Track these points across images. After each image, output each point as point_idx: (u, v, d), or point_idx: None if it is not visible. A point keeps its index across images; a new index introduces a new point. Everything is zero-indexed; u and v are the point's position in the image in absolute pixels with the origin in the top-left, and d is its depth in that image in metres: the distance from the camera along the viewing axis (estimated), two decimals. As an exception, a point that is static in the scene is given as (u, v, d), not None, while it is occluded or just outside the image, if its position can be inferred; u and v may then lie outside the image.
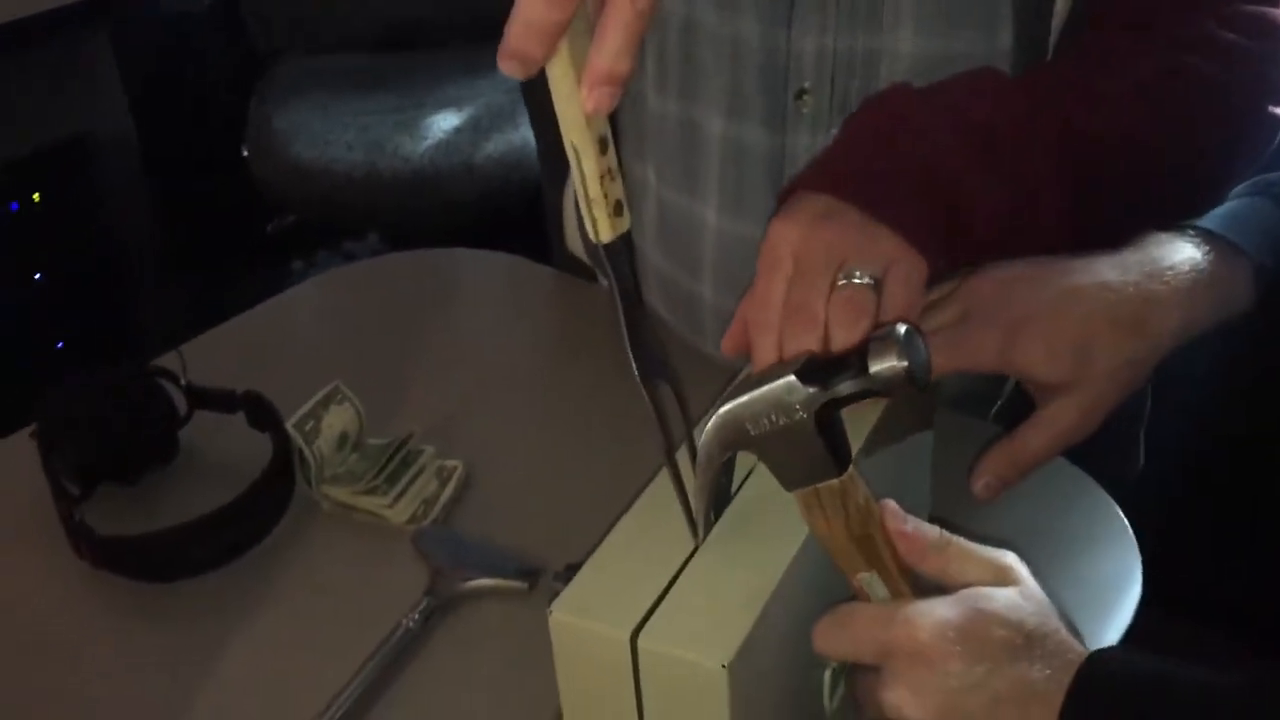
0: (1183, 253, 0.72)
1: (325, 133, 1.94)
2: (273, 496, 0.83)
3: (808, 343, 0.64)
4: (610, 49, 0.49)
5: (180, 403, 0.90)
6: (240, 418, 0.90)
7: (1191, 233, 0.74)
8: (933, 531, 0.58)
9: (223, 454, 0.90)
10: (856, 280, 0.64)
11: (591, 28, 0.49)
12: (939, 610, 0.56)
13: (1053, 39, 0.81)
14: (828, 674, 0.62)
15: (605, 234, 0.55)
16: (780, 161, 0.86)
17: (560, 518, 0.84)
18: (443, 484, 0.85)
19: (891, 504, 0.58)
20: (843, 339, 0.63)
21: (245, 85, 2.14)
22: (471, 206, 1.93)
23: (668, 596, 0.56)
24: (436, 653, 0.74)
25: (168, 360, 0.93)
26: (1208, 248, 0.73)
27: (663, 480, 0.62)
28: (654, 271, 0.98)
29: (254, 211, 2.28)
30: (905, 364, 0.54)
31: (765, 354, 0.66)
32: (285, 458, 0.84)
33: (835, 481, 0.56)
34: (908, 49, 0.81)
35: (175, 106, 2.21)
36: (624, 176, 0.88)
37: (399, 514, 0.83)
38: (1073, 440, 0.71)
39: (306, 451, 0.83)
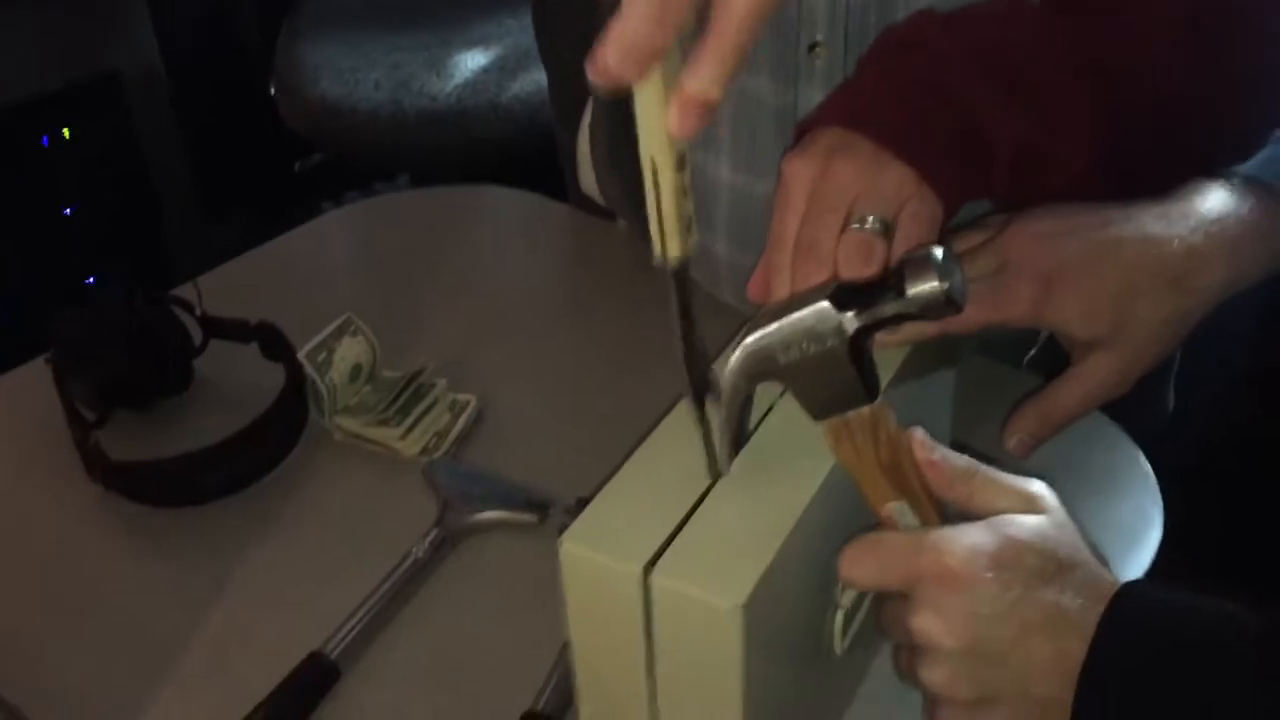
0: (1228, 203, 0.69)
1: (353, 70, 1.92)
2: (284, 426, 0.83)
3: (818, 282, 0.62)
4: (706, 76, 0.49)
5: (196, 332, 0.90)
6: (254, 348, 0.89)
7: (1237, 181, 0.71)
8: (960, 460, 0.57)
9: (236, 383, 0.90)
10: (867, 226, 0.62)
11: (683, 46, 0.49)
12: (970, 535, 0.54)
13: None
14: (840, 615, 0.61)
15: (675, 251, 0.53)
16: (793, 117, 0.84)
17: (571, 453, 0.83)
18: (455, 417, 0.85)
19: (920, 432, 0.58)
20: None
21: (275, 22, 2.13)
22: (497, 146, 1.91)
23: (682, 532, 0.55)
24: (445, 583, 0.74)
25: (184, 290, 0.93)
26: (1254, 198, 0.70)
27: (678, 414, 0.61)
28: (725, 266, 0.94)
29: (282, 150, 2.28)
30: (945, 285, 0.52)
31: (782, 295, 0.64)
32: (297, 387, 0.84)
33: (866, 410, 0.55)
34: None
35: (205, 42, 2.20)
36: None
37: (410, 446, 0.83)
38: (1108, 397, 0.69)
39: (319, 382, 0.83)
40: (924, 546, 0.55)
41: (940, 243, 0.56)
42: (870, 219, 0.63)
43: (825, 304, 0.54)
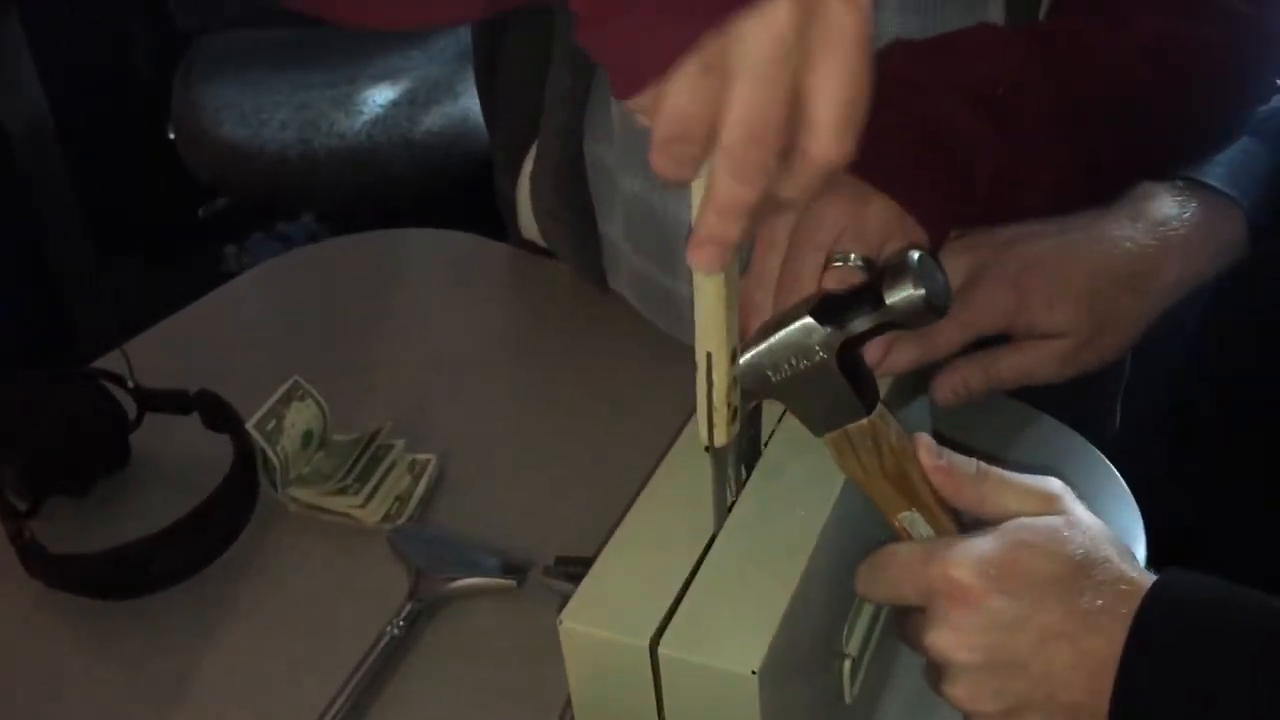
0: (1175, 207, 0.71)
1: (257, 111, 1.87)
2: (236, 502, 0.79)
3: None
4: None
5: (129, 406, 0.85)
6: (194, 419, 0.85)
7: (1181, 184, 0.73)
8: (969, 464, 0.56)
9: (178, 458, 0.85)
10: (850, 263, 0.62)
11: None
12: (977, 546, 0.53)
13: (1043, 14, 0.78)
14: (848, 664, 0.60)
15: (722, 439, 0.55)
16: None
17: (540, 507, 0.80)
18: (416, 479, 0.81)
19: (925, 438, 0.56)
20: None
21: (169, 64, 2.05)
22: (411, 183, 1.87)
23: (686, 597, 0.53)
24: (427, 659, 0.70)
25: (111, 361, 0.88)
26: (1198, 201, 0.72)
27: (666, 474, 0.59)
28: (627, 267, 0.93)
29: (184, 196, 2.20)
30: (922, 291, 0.52)
31: None
32: (248, 460, 0.79)
33: (865, 422, 0.55)
34: (893, 29, 0.78)
35: (94, 87, 2.12)
36: (595, 169, 0.84)
37: (372, 513, 0.79)
38: (1043, 379, 0.70)
39: (270, 452, 0.78)
40: (931, 560, 0.54)
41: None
42: (852, 256, 0.62)
43: (808, 319, 0.54)
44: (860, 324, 0.53)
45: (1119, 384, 1.03)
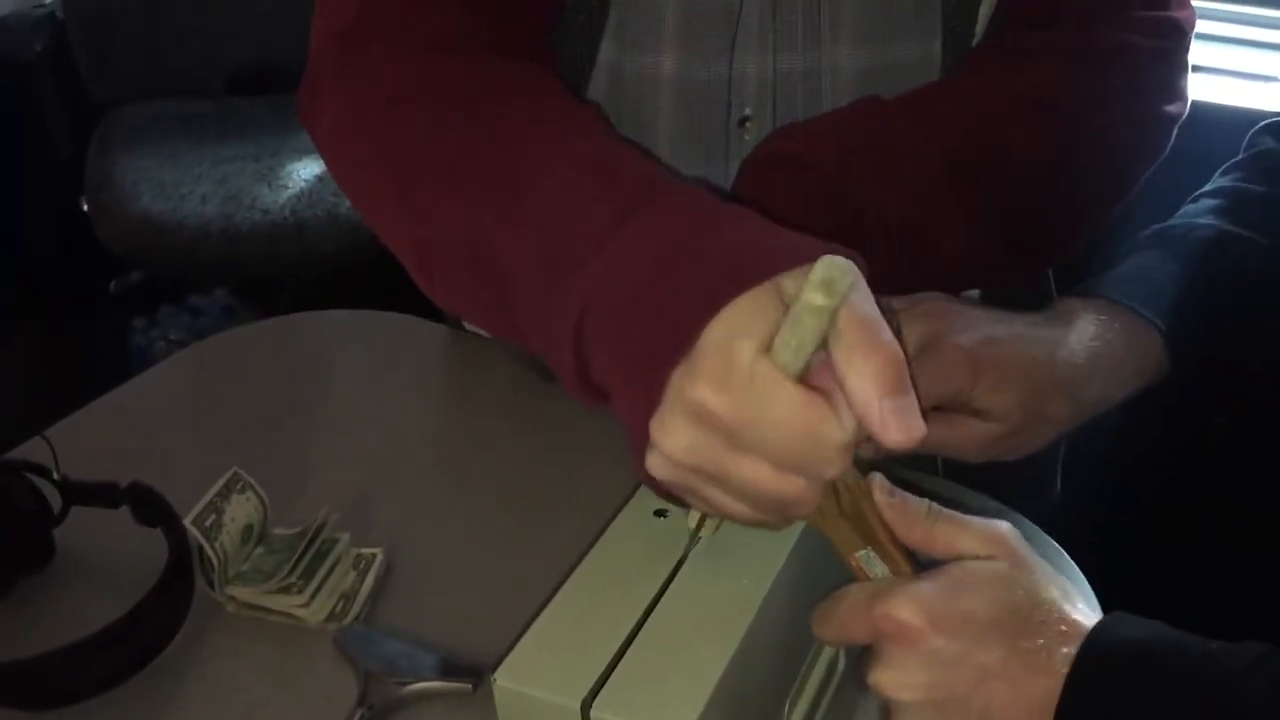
0: (1098, 325, 0.74)
1: (176, 185, 1.83)
2: (171, 603, 0.75)
3: None
4: None
5: (53, 499, 0.81)
6: (124, 513, 0.80)
7: (1103, 303, 0.75)
8: (921, 505, 0.58)
9: (105, 555, 0.80)
10: None
11: None
12: (920, 587, 0.55)
13: (975, 43, 0.82)
14: (786, 706, 0.61)
15: (710, 533, 0.59)
16: (724, 194, 0.83)
17: (493, 603, 0.77)
18: (362, 575, 0.78)
19: (879, 477, 0.58)
20: None
21: (83, 134, 2.00)
22: (335, 258, 1.84)
23: (622, 661, 0.53)
24: (378, 772, 0.67)
25: (32, 449, 0.83)
26: (1120, 321, 0.74)
27: (612, 537, 0.60)
28: None
29: (95, 269, 2.13)
30: None
31: None
32: (183, 558, 0.75)
33: None
34: (848, 63, 0.81)
35: (5, 160, 2.05)
36: None
37: (316, 613, 0.75)
38: (962, 456, 0.72)
39: (209, 549, 0.74)
40: (877, 600, 0.55)
41: None
42: None
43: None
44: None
45: (1055, 450, 1.04)
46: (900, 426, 0.48)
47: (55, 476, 0.80)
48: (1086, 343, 0.72)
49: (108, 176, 1.85)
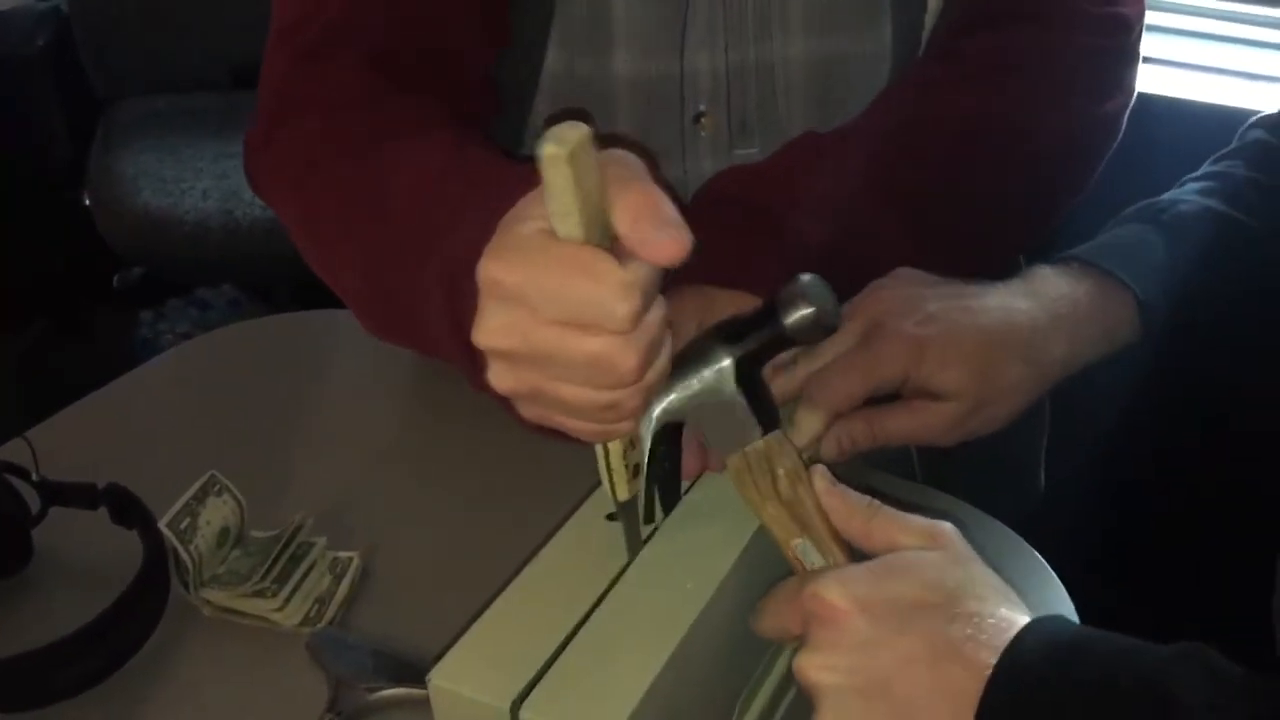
0: (1066, 286, 0.73)
1: (177, 180, 1.83)
2: (145, 605, 0.75)
3: None
4: None
5: (32, 499, 0.81)
6: (102, 514, 0.80)
7: (1075, 265, 0.75)
8: (862, 498, 0.58)
9: (83, 556, 0.81)
10: None
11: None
12: (850, 571, 0.55)
13: (925, 34, 0.83)
14: (735, 715, 0.61)
15: (623, 495, 0.59)
16: (683, 189, 0.85)
17: (468, 609, 0.76)
18: (337, 579, 0.78)
19: (821, 468, 0.58)
20: None
21: (86, 130, 2.01)
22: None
23: (556, 664, 0.54)
24: (345, 778, 0.67)
25: (13, 450, 0.84)
26: (1090, 281, 0.74)
27: (560, 542, 0.61)
28: None
29: (98, 264, 2.14)
30: (813, 309, 0.56)
31: None
32: (159, 560, 0.75)
33: (761, 442, 0.58)
34: (799, 54, 0.81)
35: (7, 155, 2.06)
36: None
37: (290, 616, 0.76)
38: (929, 442, 0.71)
39: (183, 552, 0.75)
40: (807, 584, 0.55)
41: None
42: None
43: (711, 337, 0.58)
44: (754, 341, 0.57)
45: (1038, 449, 1.03)
46: (661, 242, 0.48)
47: (34, 477, 0.81)
48: (1049, 303, 0.72)
49: (109, 171, 1.86)
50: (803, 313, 0.56)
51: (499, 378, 0.54)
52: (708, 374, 0.57)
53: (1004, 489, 0.86)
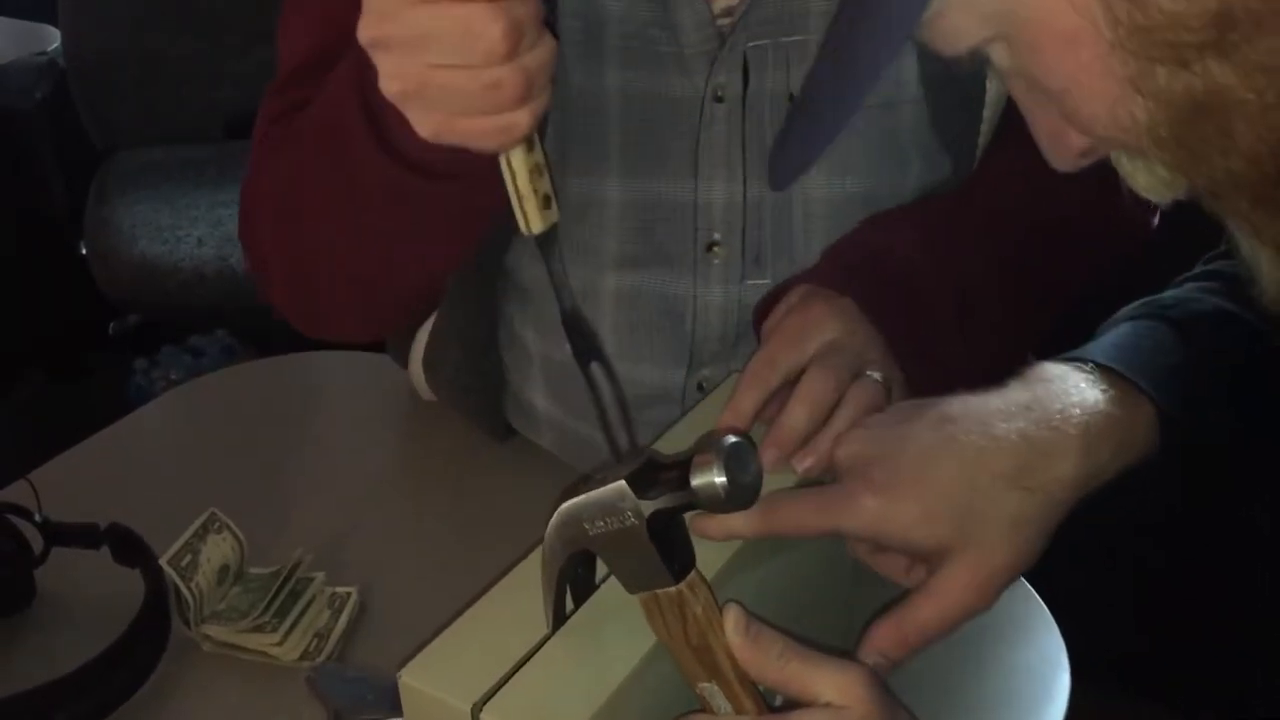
0: (1076, 393, 0.64)
1: (173, 228, 1.85)
2: (147, 642, 0.76)
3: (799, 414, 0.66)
4: None
5: (35, 540, 0.82)
6: (104, 553, 0.82)
7: (1090, 367, 0.66)
8: (774, 645, 0.55)
9: (85, 595, 0.82)
10: (878, 377, 0.69)
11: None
12: None
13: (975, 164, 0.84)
14: None
15: (536, 226, 0.58)
16: (689, 310, 0.84)
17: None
18: (336, 614, 0.79)
19: (734, 612, 0.55)
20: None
21: (83, 180, 2.03)
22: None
23: (517, 674, 0.56)
24: (346, 809, 0.68)
25: (16, 491, 0.85)
26: (1104, 386, 0.64)
27: (533, 557, 0.61)
28: (545, 418, 0.92)
29: (94, 312, 2.16)
30: (723, 479, 0.52)
31: (745, 408, 0.68)
32: (160, 597, 0.76)
33: (671, 590, 0.55)
34: (821, 193, 0.81)
35: (6, 205, 2.08)
36: (514, 342, 0.87)
37: (290, 651, 0.77)
38: (970, 612, 0.62)
39: (184, 589, 0.76)
40: None
41: (740, 433, 0.55)
42: (879, 374, 0.69)
43: (623, 483, 0.54)
44: (666, 500, 0.53)
45: None
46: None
47: (37, 518, 0.82)
48: (1054, 417, 0.63)
49: (106, 221, 1.88)
50: (711, 482, 0.52)
51: (387, 81, 0.58)
52: (618, 523, 0.54)
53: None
